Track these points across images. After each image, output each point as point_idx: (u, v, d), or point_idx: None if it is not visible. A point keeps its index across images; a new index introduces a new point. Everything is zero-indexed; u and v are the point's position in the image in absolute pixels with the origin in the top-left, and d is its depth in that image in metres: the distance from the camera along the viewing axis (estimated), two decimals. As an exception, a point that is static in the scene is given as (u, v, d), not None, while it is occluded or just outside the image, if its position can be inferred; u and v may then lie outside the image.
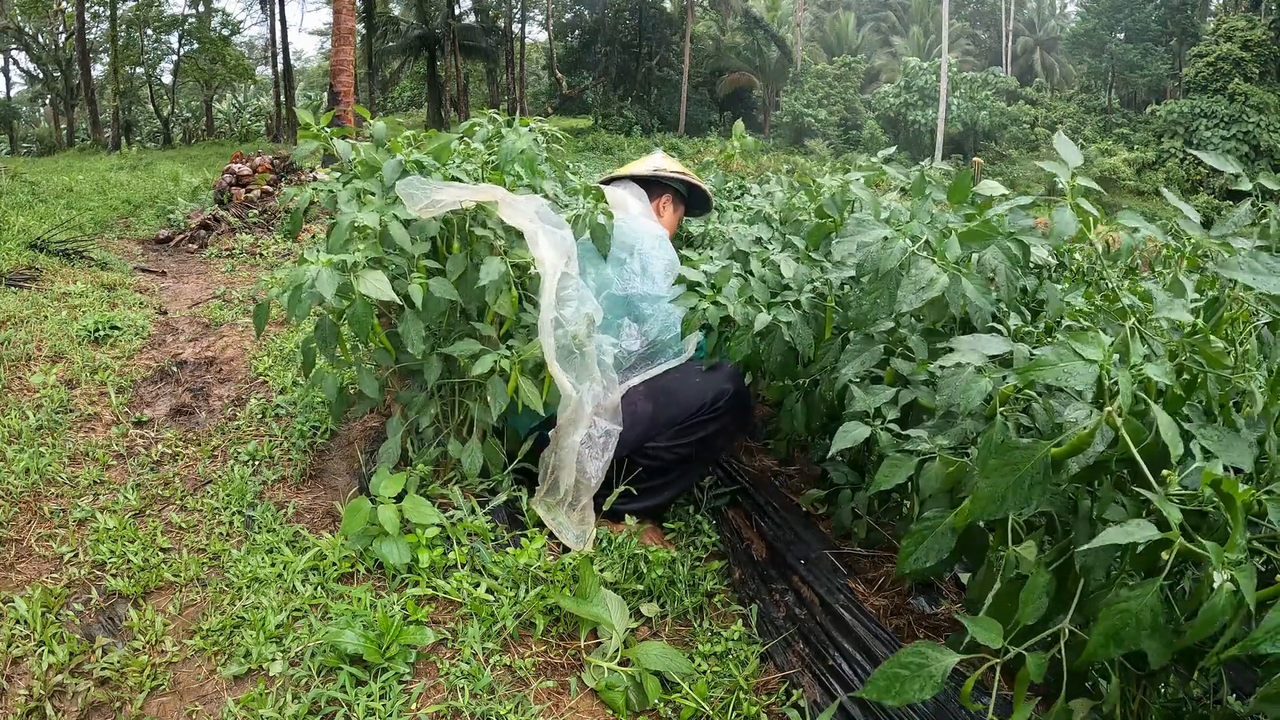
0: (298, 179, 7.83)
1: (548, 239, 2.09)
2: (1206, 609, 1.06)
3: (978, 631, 1.21)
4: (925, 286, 1.65)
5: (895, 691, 1.18)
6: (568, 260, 2.10)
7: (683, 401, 2.29)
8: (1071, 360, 1.22)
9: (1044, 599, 1.26)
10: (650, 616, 1.98)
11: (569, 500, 2.15)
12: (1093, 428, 1.23)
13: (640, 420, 2.24)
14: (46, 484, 2.36)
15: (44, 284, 4.46)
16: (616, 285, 2.38)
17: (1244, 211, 1.49)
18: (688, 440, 2.30)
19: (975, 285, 1.67)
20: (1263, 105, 27.59)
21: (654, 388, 2.32)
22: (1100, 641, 1.14)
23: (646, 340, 2.37)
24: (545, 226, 2.11)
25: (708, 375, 2.33)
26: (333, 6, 12.27)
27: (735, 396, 2.32)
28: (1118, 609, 1.13)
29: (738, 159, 3.68)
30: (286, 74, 28.05)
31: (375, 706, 1.56)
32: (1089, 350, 1.22)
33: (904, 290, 1.66)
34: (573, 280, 2.14)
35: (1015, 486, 1.23)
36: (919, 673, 1.18)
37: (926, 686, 1.17)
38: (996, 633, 1.21)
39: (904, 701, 1.17)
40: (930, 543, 1.45)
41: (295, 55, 38.95)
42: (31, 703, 1.57)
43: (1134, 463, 1.16)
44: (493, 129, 2.53)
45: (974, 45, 43.42)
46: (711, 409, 2.28)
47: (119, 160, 15.39)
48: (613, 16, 32.92)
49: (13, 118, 33.44)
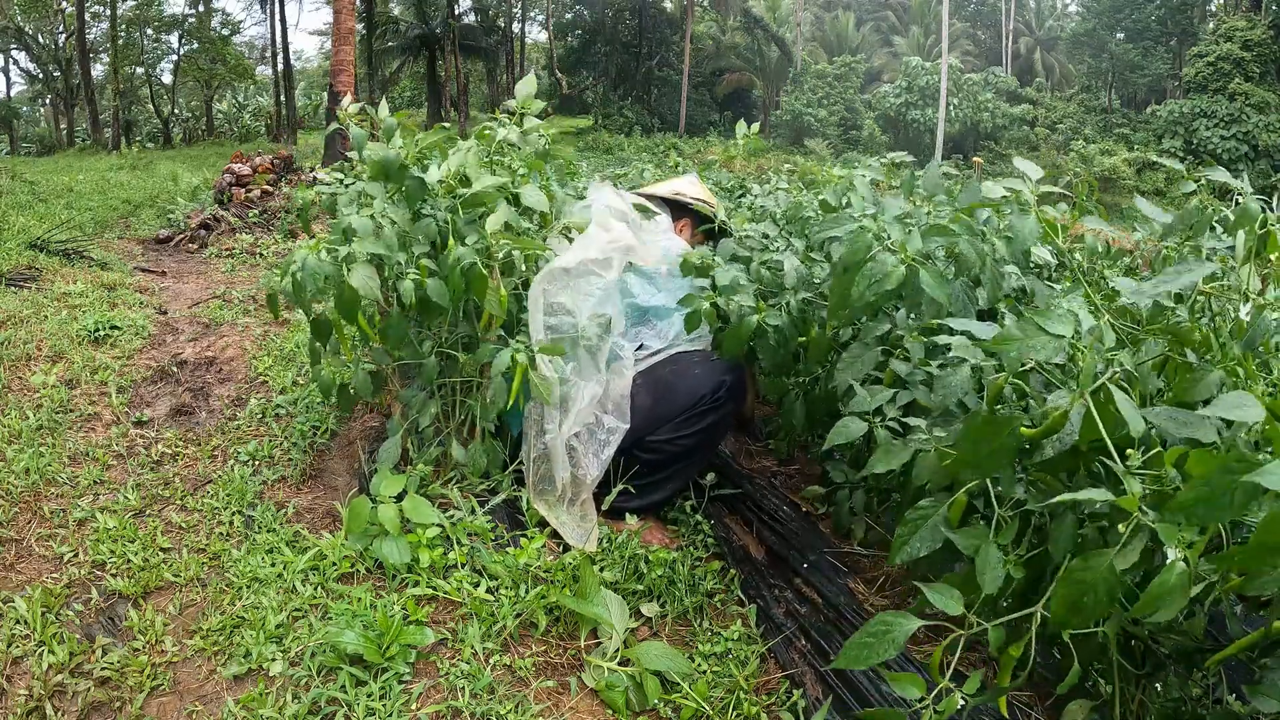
0: (298, 179, 7.83)
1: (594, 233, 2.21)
2: (1155, 584, 1.08)
3: (936, 598, 1.27)
4: (881, 279, 1.68)
5: (863, 658, 1.26)
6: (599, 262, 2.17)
7: (682, 393, 2.28)
8: (1037, 335, 1.25)
9: (999, 568, 1.30)
10: (650, 616, 1.98)
11: (567, 496, 2.14)
12: (1065, 409, 1.24)
13: (637, 413, 2.24)
14: (46, 484, 2.36)
15: (44, 284, 4.46)
16: (641, 296, 2.40)
17: (1192, 209, 1.54)
18: (689, 432, 2.29)
19: (931, 276, 1.68)
20: (1263, 105, 27.58)
21: (652, 381, 2.31)
22: (1060, 611, 1.17)
23: (666, 340, 2.39)
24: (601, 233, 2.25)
25: (706, 366, 2.32)
26: (333, 6, 12.27)
27: (735, 386, 2.31)
28: (1074, 578, 1.16)
29: (739, 159, 3.69)
30: (286, 74, 28.06)
31: (375, 706, 1.56)
32: (1056, 326, 1.24)
33: (860, 282, 1.70)
34: (602, 280, 2.16)
35: (990, 455, 1.28)
36: (883, 639, 1.26)
37: (889, 649, 1.25)
38: (957, 601, 1.26)
39: (869, 665, 1.26)
40: (924, 533, 1.45)
41: (295, 55, 38.96)
42: (31, 703, 1.57)
43: (1107, 451, 1.17)
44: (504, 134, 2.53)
45: (974, 45, 43.42)
46: (713, 399, 2.27)
47: (119, 160, 15.40)
48: (613, 16, 32.94)
49: (13, 118, 33.44)
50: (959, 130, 31.83)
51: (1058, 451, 1.32)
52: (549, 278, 2.13)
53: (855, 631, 1.32)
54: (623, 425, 2.17)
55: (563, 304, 2.14)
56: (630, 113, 31.84)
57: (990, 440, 1.29)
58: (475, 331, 2.26)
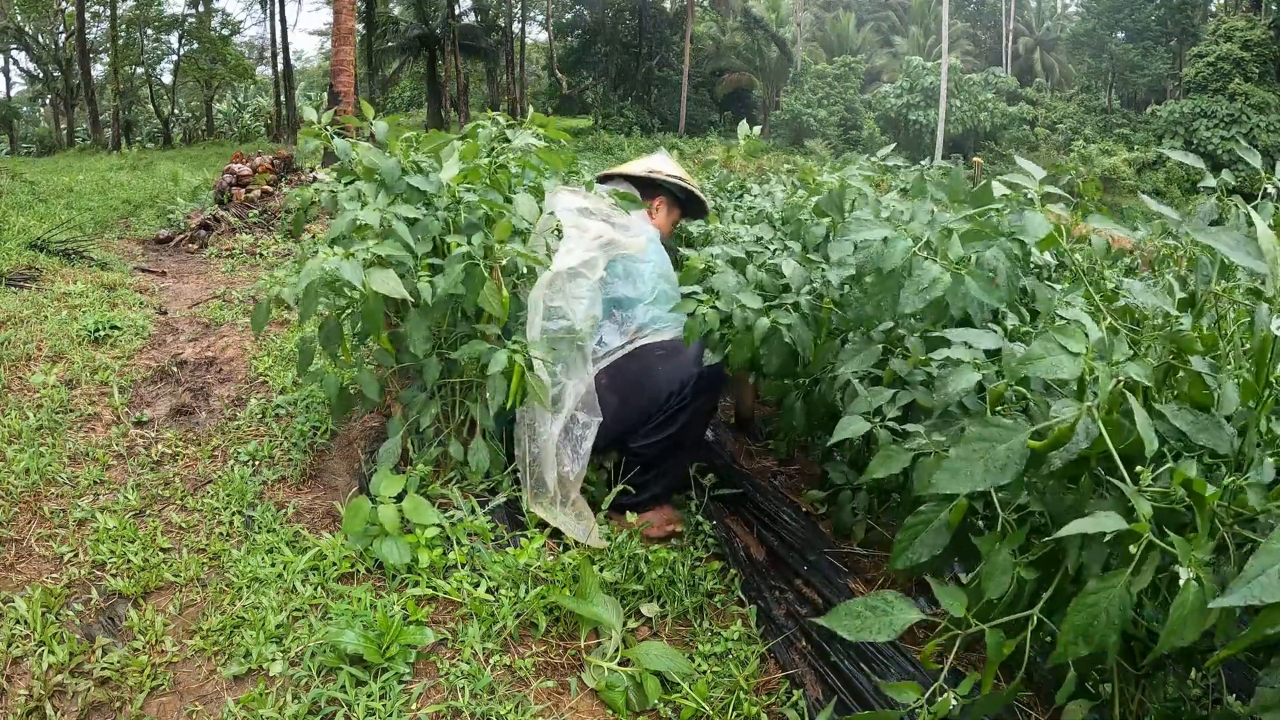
0: (298, 179, 7.82)
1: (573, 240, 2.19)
2: (1176, 607, 1.06)
3: (943, 597, 1.27)
4: (928, 286, 1.64)
5: (855, 628, 1.25)
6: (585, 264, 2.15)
7: (650, 391, 2.27)
8: (1058, 354, 1.24)
9: (1006, 575, 1.29)
10: (650, 616, 1.98)
11: (559, 498, 2.15)
12: (1072, 421, 1.24)
13: (606, 412, 2.23)
14: (46, 484, 2.36)
15: (44, 284, 4.46)
16: (602, 287, 2.38)
17: (1209, 206, 1.51)
18: (666, 434, 2.28)
19: (979, 284, 1.67)
20: (1263, 105, 27.57)
21: (617, 379, 2.30)
22: (1070, 638, 1.14)
23: (628, 334, 2.36)
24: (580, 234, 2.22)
25: (671, 362, 2.29)
26: (333, 6, 12.27)
27: (702, 379, 2.28)
28: (1085, 604, 1.13)
29: (738, 159, 3.68)
30: (286, 74, 28.05)
31: (375, 706, 1.56)
32: (1073, 343, 1.24)
33: (907, 291, 1.66)
34: (589, 283, 2.16)
35: (988, 463, 1.26)
36: (881, 618, 1.25)
37: (884, 631, 1.24)
38: (961, 603, 1.26)
39: (859, 638, 1.24)
40: (925, 537, 1.44)
41: (295, 55, 38.93)
42: (31, 703, 1.57)
43: (1112, 459, 1.16)
44: (496, 130, 2.53)
45: (974, 45, 43.39)
46: (680, 397, 2.26)
47: (119, 160, 15.38)
48: (613, 16, 32.92)
49: (13, 118, 33.43)
50: (959, 130, 31.81)
51: (1065, 462, 1.30)
52: (549, 283, 2.13)
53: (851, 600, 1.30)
54: (595, 419, 2.18)
55: (558, 308, 2.15)
56: (630, 113, 31.82)
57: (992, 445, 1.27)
58: (474, 332, 2.26)
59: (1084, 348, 1.24)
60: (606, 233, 2.28)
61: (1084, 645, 1.13)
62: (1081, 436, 1.27)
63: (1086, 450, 1.27)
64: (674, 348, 2.33)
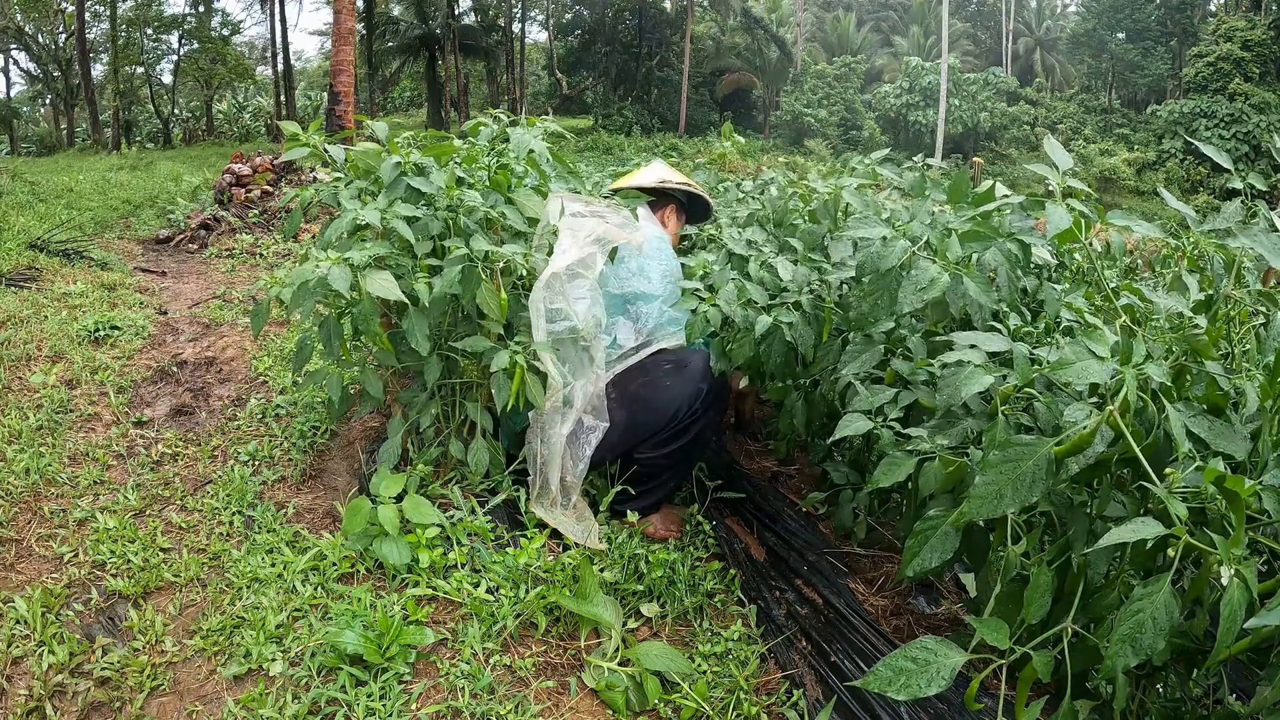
0: (298, 179, 7.82)
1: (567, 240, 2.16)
2: (1226, 605, 1.04)
3: (986, 632, 1.21)
4: (926, 286, 1.64)
5: (901, 685, 1.16)
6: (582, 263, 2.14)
7: (658, 408, 2.25)
8: (1087, 359, 1.23)
9: (1047, 598, 1.26)
10: (650, 616, 1.98)
11: (560, 500, 2.15)
12: (1094, 427, 1.23)
13: (615, 427, 2.23)
14: (46, 484, 2.36)
15: (44, 284, 4.46)
16: (613, 284, 2.38)
17: (1235, 208, 1.50)
18: (677, 445, 2.27)
19: (977, 285, 1.67)
20: (1263, 105, 27.57)
21: (626, 395, 2.29)
22: (1118, 649, 1.12)
23: (642, 336, 2.36)
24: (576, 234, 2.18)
25: (678, 378, 2.27)
26: (333, 6, 12.26)
27: (710, 392, 2.28)
28: (1133, 612, 1.11)
29: (737, 159, 3.67)
30: (286, 74, 28.05)
31: (375, 706, 1.56)
32: (1100, 348, 1.24)
33: (905, 290, 1.65)
34: (588, 282, 2.16)
35: (1015, 483, 1.24)
36: (926, 668, 1.17)
37: (934, 683, 1.16)
38: (1004, 634, 1.20)
39: (910, 696, 1.16)
40: (935, 543, 1.44)
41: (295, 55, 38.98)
42: (31, 703, 1.57)
43: (1134, 461, 1.16)
44: (498, 129, 2.53)
45: (974, 45, 43.40)
46: (689, 413, 2.25)
47: (119, 160, 15.39)
48: (613, 16, 32.91)
49: (13, 118, 33.41)
50: (959, 130, 31.81)
51: (1083, 466, 1.29)
52: (547, 284, 2.13)
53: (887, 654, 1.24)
54: (602, 424, 2.17)
55: (559, 309, 2.14)
56: (630, 113, 31.81)
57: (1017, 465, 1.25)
58: (476, 331, 2.26)
59: (1108, 352, 1.23)
60: (599, 228, 2.27)
61: (1132, 655, 1.11)
62: (1100, 441, 1.26)
63: (1104, 454, 1.26)
64: (682, 360, 2.32)
